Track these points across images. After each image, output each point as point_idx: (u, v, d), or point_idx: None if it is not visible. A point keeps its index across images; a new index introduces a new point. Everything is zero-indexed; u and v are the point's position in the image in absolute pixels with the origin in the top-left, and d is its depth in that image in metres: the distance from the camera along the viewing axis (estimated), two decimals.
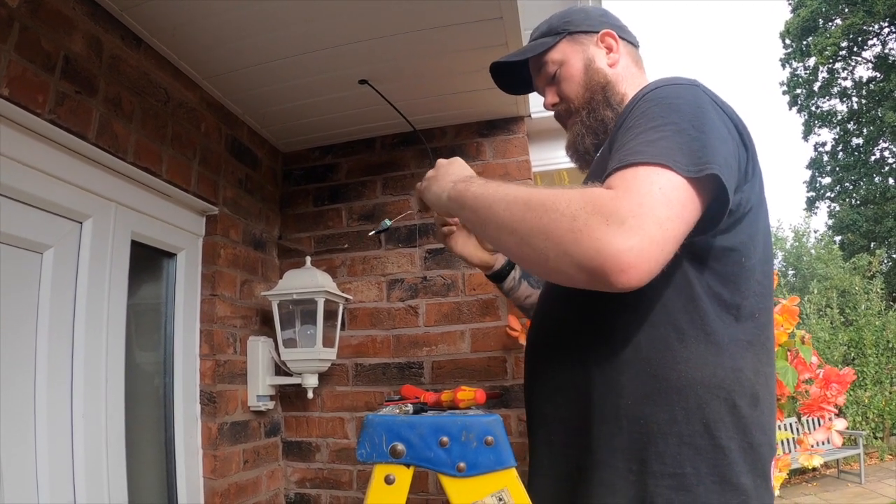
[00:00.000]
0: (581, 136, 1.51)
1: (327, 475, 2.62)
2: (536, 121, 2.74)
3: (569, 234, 0.98)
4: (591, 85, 1.49)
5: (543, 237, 1.02)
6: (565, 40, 1.53)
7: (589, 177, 1.44)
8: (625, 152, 1.06)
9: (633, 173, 1.01)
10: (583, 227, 0.96)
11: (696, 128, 1.06)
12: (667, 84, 1.19)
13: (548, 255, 1.02)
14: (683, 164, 1.00)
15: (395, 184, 2.81)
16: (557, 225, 0.99)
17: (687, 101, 1.13)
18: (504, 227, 1.11)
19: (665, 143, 1.04)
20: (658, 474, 1.09)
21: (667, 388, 1.11)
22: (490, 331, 2.53)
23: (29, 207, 1.57)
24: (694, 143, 1.04)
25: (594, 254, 0.95)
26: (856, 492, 9.20)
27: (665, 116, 1.09)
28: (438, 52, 2.17)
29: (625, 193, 0.98)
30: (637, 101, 1.19)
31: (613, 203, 0.96)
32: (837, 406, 2.33)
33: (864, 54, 23.84)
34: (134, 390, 1.95)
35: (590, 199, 0.98)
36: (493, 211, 1.14)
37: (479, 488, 1.09)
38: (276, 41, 2.04)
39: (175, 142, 2.09)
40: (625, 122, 1.18)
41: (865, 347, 12.06)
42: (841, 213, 24.72)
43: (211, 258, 2.33)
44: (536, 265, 1.08)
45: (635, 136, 1.09)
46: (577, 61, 1.51)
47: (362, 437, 1.14)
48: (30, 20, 1.51)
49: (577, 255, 0.97)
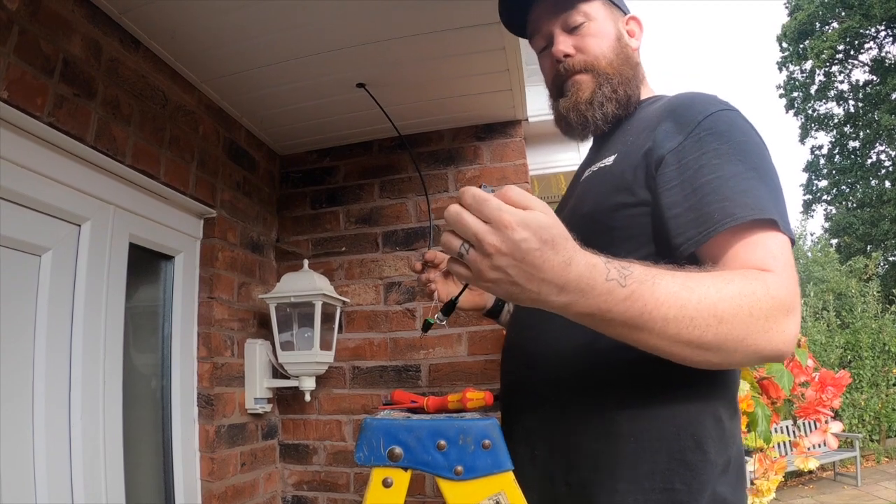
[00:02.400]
0: (606, 99, 1.35)
1: (324, 478, 2.62)
2: (534, 125, 2.75)
3: (762, 337, 0.93)
4: (624, 57, 1.39)
5: (733, 347, 0.93)
6: (602, 0, 1.41)
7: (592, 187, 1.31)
8: (729, 203, 1.03)
9: (778, 247, 1.02)
10: (773, 327, 0.94)
11: (770, 176, 1.08)
12: (718, 109, 1.15)
13: (733, 358, 0.95)
14: (781, 221, 1.02)
15: (392, 187, 2.81)
16: (750, 332, 0.93)
17: (748, 138, 1.12)
18: (682, 343, 0.93)
19: (758, 193, 1.04)
20: (648, 490, 1.08)
21: (657, 403, 1.10)
22: (487, 334, 2.54)
23: (27, 210, 1.58)
24: (776, 195, 1.06)
25: (783, 346, 0.95)
26: (852, 494, 9.20)
27: (743, 160, 1.08)
28: (436, 55, 2.17)
29: (788, 281, 0.98)
30: (693, 128, 1.13)
31: (789, 291, 0.97)
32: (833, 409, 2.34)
33: (860, 58, 23.93)
34: (132, 392, 1.95)
35: (775, 293, 0.95)
36: (663, 332, 0.91)
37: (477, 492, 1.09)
38: (274, 44, 2.05)
39: (173, 145, 2.09)
40: (683, 149, 1.12)
41: (862, 350, 12.07)
42: (837, 216, 24.81)
43: (208, 261, 2.33)
44: (714, 366, 0.99)
45: (724, 180, 1.06)
46: (610, 27, 1.40)
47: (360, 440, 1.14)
48: (29, 23, 1.51)
49: (766, 353, 0.95)
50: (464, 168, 2.72)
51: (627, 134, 1.31)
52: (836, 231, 24.88)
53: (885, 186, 23.09)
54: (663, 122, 1.18)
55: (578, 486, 1.15)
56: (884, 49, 23.25)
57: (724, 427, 1.10)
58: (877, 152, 23.84)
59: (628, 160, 1.21)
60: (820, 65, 23.86)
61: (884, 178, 23.44)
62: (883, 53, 23.22)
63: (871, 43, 23.46)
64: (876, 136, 23.04)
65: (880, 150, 23.67)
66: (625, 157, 1.23)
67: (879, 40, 23.23)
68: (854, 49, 23.64)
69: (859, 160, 24.15)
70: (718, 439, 1.09)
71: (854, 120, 24.23)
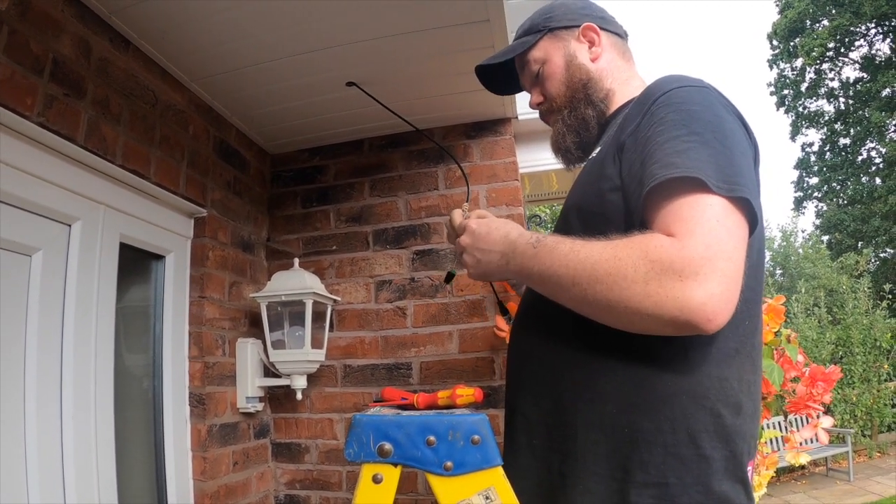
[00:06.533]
0: (562, 134, 1.51)
1: (317, 476, 2.62)
2: (523, 122, 2.76)
3: (647, 301, 0.98)
4: (572, 83, 1.48)
5: (622, 308, 1.02)
6: (546, 37, 1.52)
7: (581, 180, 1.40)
8: (654, 166, 1.06)
9: (686, 208, 1.01)
10: (658, 290, 0.97)
11: (718, 140, 1.06)
12: (678, 86, 1.17)
13: (632, 320, 1.03)
14: (715, 180, 1.00)
15: (382, 185, 2.82)
16: (631, 294, 1.00)
17: (704, 108, 1.11)
18: (579, 303, 1.11)
19: (695, 155, 1.03)
20: (641, 484, 1.08)
21: (652, 396, 1.10)
22: (478, 331, 2.55)
23: (17, 210, 1.57)
24: (720, 158, 1.03)
25: (678, 313, 0.95)
26: (844, 489, 9.25)
27: (687, 125, 1.08)
28: (425, 54, 2.18)
29: (689, 239, 0.97)
30: (649, 106, 1.16)
31: (681, 255, 0.96)
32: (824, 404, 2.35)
33: (851, 55, 24.03)
34: (123, 392, 1.95)
35: (655, 256, 0.98)
36: (562, 289, 1.12)
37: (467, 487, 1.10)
38: (264, 44, 2.05)
39: (163, 144, 2.09)
40: (638, 128, 1.16)
41: (853, 346, 12.11)
42: (828, 213, 24.90)
43: (199, 260, 2.33)
44: (623, 326, 1.08)
45: (660, 146, 1.07)
46: (559, 58, 1.50)
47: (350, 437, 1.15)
48: (18, 23, 1.51)
49: (663, 317, 0.97)
50: (454, 166, 2.72)
51: (613, 126, 1.39)
52: (827, 228, 24.97)
53: (875, 183, 23.18)
54: (633, 108, 1.25)
55: (573, 477, 1.16)
56: (874, 46, 23.37)
57: (724, 424, 1.08)
58: (867, 149, 23.92)
59: (607, 149, 1.27)
60: (810, 62, 23.91)
61: (874, 175, 23.53)
62: (873, 51, 23.32)
63: (862, 40, 23.56)
64: (866, 133, 23.11)
65: (871, 147, 23.75)
66: (605, 147, 1.30)
67: (870, 38, 23.33)
68: (844, 46, 23.72)
69: (850, 157, 24.23)
70: (716, 435, 1.08)
71: (844, 117, 24.31)
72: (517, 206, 2.64)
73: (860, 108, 23.50)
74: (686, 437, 1.08)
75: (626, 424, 1.11)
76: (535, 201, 3.84)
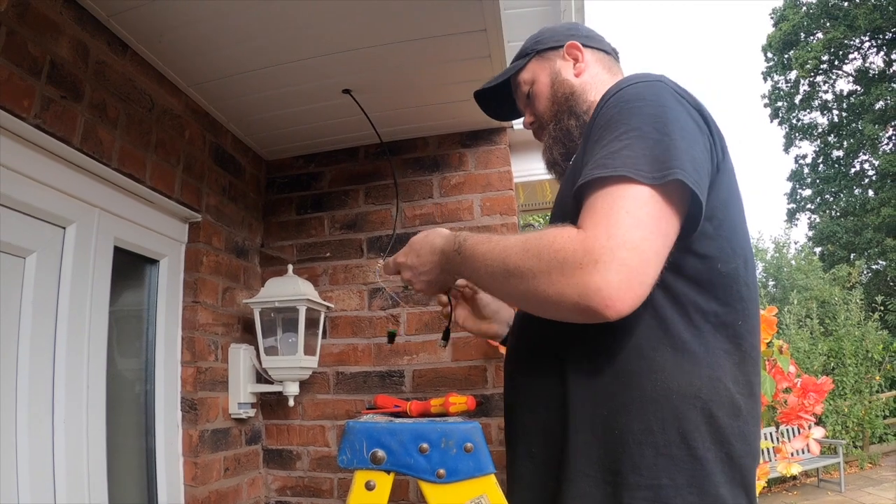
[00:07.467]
0: (550, 147, 1.55)
1: (308, 483, 2.61)
2: (518, 132, 2.77)
3: (551, 289, 1.03)
4: (556, 97, 1.52)
5: (533, 297, 1.08)
6: (534, 59, 1.59)
7: (561, 189, 1.43)
8: (589, 166, 1.08)
9: (600, 200, 1.03)
10: (560, 279, 1.01)
11: (658, 130, 1.07)
12: (628, 84, 1.18)
13: (545, 308, 1.09)
14: (646, 171, 1.01)
15: (377, 193, 2.82)
16: (538, 283, 1.05)
17: (649, 102, 1.12)
18: (505, 297, 1.27)
19: (628, 153, 1.05)
20: (634, 486, 1.07)
21: (642, 397, 1.10)
22: (470, 340, 2.54)
23: (12, 212, 1.57)
24: (657, 148, 1.04)
25: (578, 298, 0.99)
26: (836, 500, 9.26)
27: (627, 122, 1.10)
28: (423, 63, 2.18)
29: (592, 230, 1.01)
30: (601, 108, 1.19)
31: (582, 245, 1.00)
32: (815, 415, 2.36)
33: (844, 68, 24.20)
34: (115, 396, 1.95)
35: (559, 246, 1.02)
36: (490, 286, 1.24)
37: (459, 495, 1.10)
38: (261, 50, 2.05)
39: (159, 148, 2.09)
40: (591, 131, 1.18)
41: (845, 357, 12.15)
42: (821, 225, 24.99)
43: (193, 265, 2.33)
44: (542, 315, 1.14)
45: (602, 147, 1.09)
46: (545, 77, 1.56)
47: (343, 444, 1.15)
48: (17, 24, 1.51)
49: (566, 304, 1.01)
50: (449, 174, 2.73)
51: None
52: (819, 239, 25.07)
53: (868, 195, 23.30)
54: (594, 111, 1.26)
55: (567, 481, 1.16)
56: (868, 59, 23.57)
57: (719, 425, 1.08)
58: (860, 161, 24.11)
59: (578, 154, 1.30)
60: (804, 75, 24.10)
61: (867, 188, 23.67)
62: (867, 64, 23.52)
63: (856, 53, 23.75)
64: (859, 146, 23.27)
65: (864, 160, 23.94)
66: (581, 150, 1.30)
67: (863, 51, 23.52)
68: (838, 59, 23.89)
69: (843, 169, 24.38)
70: (710, 436, 1.07)
71: (838, 129, 24.49)
72: (511, 215, 2.64)
73: (853, 120, 23.66)
74: (677, 437, 1.07)
75: (616, 426, 1.11)
76: (529, 210, 3.84)
